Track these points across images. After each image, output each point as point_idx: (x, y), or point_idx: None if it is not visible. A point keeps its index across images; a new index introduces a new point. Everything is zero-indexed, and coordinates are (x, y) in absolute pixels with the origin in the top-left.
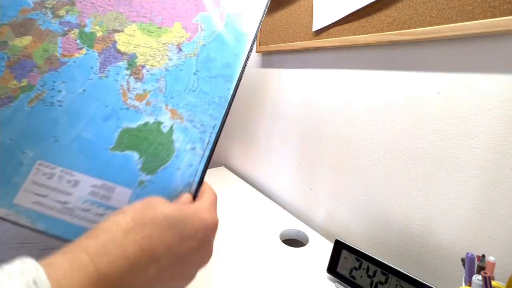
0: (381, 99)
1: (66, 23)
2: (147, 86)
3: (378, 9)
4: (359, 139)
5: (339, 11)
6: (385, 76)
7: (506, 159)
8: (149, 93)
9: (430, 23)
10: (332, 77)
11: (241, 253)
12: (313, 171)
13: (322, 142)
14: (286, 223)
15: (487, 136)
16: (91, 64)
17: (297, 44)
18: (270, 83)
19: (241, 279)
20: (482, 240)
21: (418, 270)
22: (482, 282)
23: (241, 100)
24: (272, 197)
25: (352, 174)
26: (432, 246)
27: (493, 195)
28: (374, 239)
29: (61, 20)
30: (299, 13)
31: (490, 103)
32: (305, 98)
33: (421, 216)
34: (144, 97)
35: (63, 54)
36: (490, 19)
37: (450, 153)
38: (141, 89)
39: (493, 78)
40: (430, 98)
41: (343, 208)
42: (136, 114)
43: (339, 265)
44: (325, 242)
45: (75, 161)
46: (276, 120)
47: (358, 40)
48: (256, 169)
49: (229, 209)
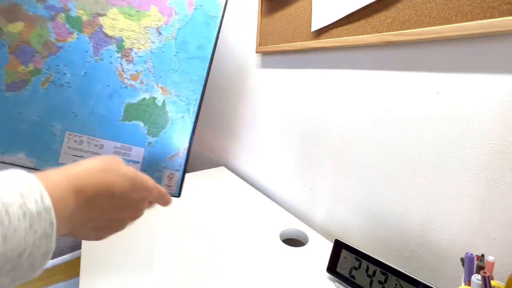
0: (381, 100)
1: (50, 7)
2: (138, 67)
3: (377, 10)
4: (359, 139)
5: (338, 12)
6: (385, 76)
7: (506, 159)
8: (141, 73)
9: (430, 23)
10: (332, 77)
11: (241, 253)
12: (313, 171)
13: (322, 142)
14: (286, 223)
15: (487, 136)
16: (85, 47)
17: (297, 45)
18: (270, 83)
19: (241, 278)
20: (481, 240)
21: (418, 270)
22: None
23: (241, 100)
24: (272, 197)
25: (352, 174)
26: (431, 246)
27: (493, 195)
28: (374, 239)
29: (45, 4)
30: (298, 13)
31: (490, 103)
32: (305, 98)
33: (421, 216)
34: (138, 77)
35: (57, 39)
36: (489, 20)
37: (450, 153)
38: (134, 70)
39: (492, 78)
40: (430, 98)
41: (343, 208)
42: (134, 91)
43: (339, 264)
44: (325, 242)
45: (95, 130)
46: (276, 120)
47: (357, 40)
48: (256, 169)
49: (229, 209)
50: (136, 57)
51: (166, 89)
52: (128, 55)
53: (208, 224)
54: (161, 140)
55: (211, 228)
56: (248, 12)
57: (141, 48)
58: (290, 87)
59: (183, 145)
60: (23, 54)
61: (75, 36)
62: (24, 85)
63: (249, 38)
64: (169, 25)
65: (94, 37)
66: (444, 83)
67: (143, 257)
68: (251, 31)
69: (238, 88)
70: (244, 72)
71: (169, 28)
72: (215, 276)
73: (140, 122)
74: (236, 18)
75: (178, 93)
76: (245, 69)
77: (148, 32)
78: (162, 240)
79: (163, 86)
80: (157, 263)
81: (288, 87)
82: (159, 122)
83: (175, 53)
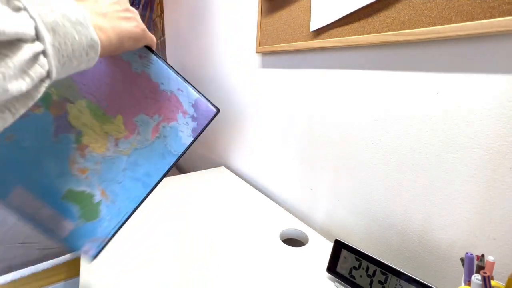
0: (381, 100)
1: None
2: (87, 164)
3: (377, 10)
4: (359, 139)
5: (337, 12)
6: (385, 76)
7: (506, 159)
8: (88, 170)
9: (430, 23)
10: (331, 77)
11: (241, 252)
12: (313, 171)
13: (322, 142)
14: (286, 223)
15: (487, 136)
16: (48, 126)
17: (297, 45)
18: (270, 83)
19: (241, 278)
20: (481, 239)
21: (418, 270)
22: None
23: (241, 100)
24: (272, 197)
25: (352, 174)
26: (431, 246)
27: (492, 195)
28: (373, 239)
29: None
30: (298, 13)
31: (490, 103)
32: (305, 98)
33: (421, 216)
34: (85, 172)
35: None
36: (489, 20)
37: (450, 153)
38: (83, 165)
39: (492, 78)
40: (430, 98)
41: (343, 208)
42: (78, 181)
43: (339, 264)
44: (325, 241)
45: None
46: (276, 120)
47: (357, 40)
48: (256, 169)
49: (229, 209)
50: (89, 155)
51: (105, 193)
52: (83, 150)
53: (208, 224)
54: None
55: (211, 228)
56: (248, 12)
57: (96, 150)
58: (290, 87)
59: (105, 238)
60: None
61: (41, 110)
62: None
63: (249, 38)
64: (127, 141)
65: (58, 120)
66: (444, 83)
67: (143, 257)
68: (251, 31)
69: (238, 88)
70: (244, 72)
71: (126, 144)
72: (215, 276)
73: (76, 205)
74: (236, 18)
75: (114, 200)
76: (245, 69)
77: (107, 139)
78: (162, 240)
79: (103, 189)
80: (157, 263)
81: (288, 87)
82: (91, 214)
83: (124, 168)
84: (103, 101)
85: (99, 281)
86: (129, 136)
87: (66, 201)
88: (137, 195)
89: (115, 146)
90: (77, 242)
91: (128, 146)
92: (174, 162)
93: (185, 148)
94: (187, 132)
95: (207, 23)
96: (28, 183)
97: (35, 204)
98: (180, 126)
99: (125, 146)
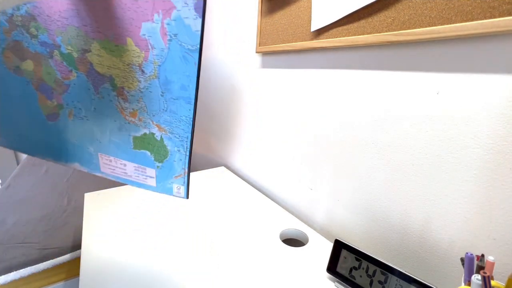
0: (381, 100)
1: (44, 43)
2: (133, 106)
3: (377, 10)
4: (359, 139)
5: (337, 12)
6: (385, 76)
7: (506, 159)
8: (137, 111)
9: (430, 23)
10: (331, 77)
11: (241, 252)
12: (313, 171)
13: (322, 142)
14: (286, 223)
15: (487, 136)
16: (87, 85)
17: (297, 45)
18: (270, 83)
19: (241, 278)
20: (481, 239)
21: (418, 270)
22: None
23: (241, 100)
24: (272, 197)
25: (352, 174)
26: (431, 246)
27: (492, 195)
28: (373, 239)
29: (39, 41)
30: (298, 13)
31: (490, 103)
32: (305, 98)
33: (421, 216)
34: (136, 114)
35: (62, 76)
36: (489, 20)
37: (450, 153)
38: (131, 108)
39: (492, 78)
40: (430, 98)
41: (343, 208)
42: (135, 127)
43: (339, 264)
44: (325, 241)
45: (118, 154)
46: (276, 120)
47: (357, 40)
48: (256, 169)
49: (229, 209)
50: (129, 96)
51: (161, 127)
52: (122, 93)
53: (208, 224)
54: (165, 165)
55: (211, 228)
56: (248, 12)
57: (131, 87)
58: (290, 87)
59: (183, 170)
60: (45, 91)
61: (75, 74)
62: (57, 117)
63: (249, 38)
64: (148, 61)
65: (90, 75)
66: (444, 83)
67: (143, 257)
68: (251, 31)
69: (238, 88)
70: (244, 72)
71: (149, 66)
72: (215, 276)
73: (147, 151)
74: (236, 18)
75: (172, 130)
76: (245, 69)
77: (132, 70)
78: (162, 240)
79: (157, 124)
80: (157, 263)
81: (288, 87)
82: (161, 153)
83: (161, 93)
84: (108, 31)
85: (99, 281)
86: (147, 55)
87: (138, 150)
88: (185, 114)
89: (142, 74)
90: (166, 187)
91: (152, 67)
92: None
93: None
94: (191, 15)
95: (207, 23)
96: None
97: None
98: (181, 12)
99: (149, 68)
